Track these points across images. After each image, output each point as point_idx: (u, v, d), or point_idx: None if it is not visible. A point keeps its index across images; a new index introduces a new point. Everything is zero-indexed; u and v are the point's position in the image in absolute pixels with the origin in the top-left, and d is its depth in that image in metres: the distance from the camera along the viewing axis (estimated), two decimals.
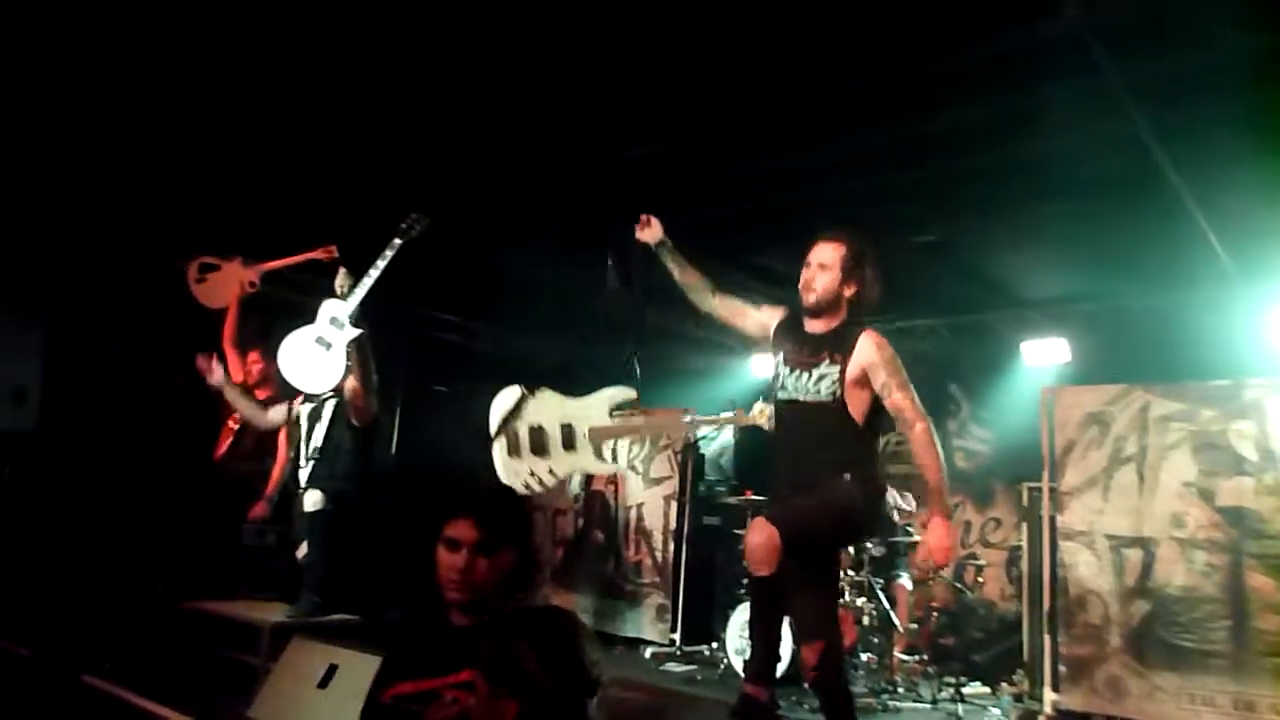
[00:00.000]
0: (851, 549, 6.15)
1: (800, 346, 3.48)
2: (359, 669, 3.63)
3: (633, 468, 7.67)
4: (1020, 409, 6.96)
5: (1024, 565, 5.80)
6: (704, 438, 7.27)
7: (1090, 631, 5.15)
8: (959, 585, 6.47)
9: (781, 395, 3.49)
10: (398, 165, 5.26)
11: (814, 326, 3.49)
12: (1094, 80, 3.78)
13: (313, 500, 4.66)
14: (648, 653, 6.66)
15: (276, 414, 5.12)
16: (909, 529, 6.36)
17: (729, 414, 3.90)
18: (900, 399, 3.29)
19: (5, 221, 5.39)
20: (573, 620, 1.94)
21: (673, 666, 6.32)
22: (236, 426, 5.79)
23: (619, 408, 4.08)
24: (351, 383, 4.65)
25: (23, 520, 5.37)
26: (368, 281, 4.58)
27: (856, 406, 3.34)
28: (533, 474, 4.03)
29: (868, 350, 3.32)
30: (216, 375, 5.03)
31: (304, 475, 4.77)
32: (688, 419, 4.67)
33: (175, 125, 4.82)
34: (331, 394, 4.78)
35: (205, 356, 5.06)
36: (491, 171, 5.33)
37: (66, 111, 4.67)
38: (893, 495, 6.37)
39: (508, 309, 7.67)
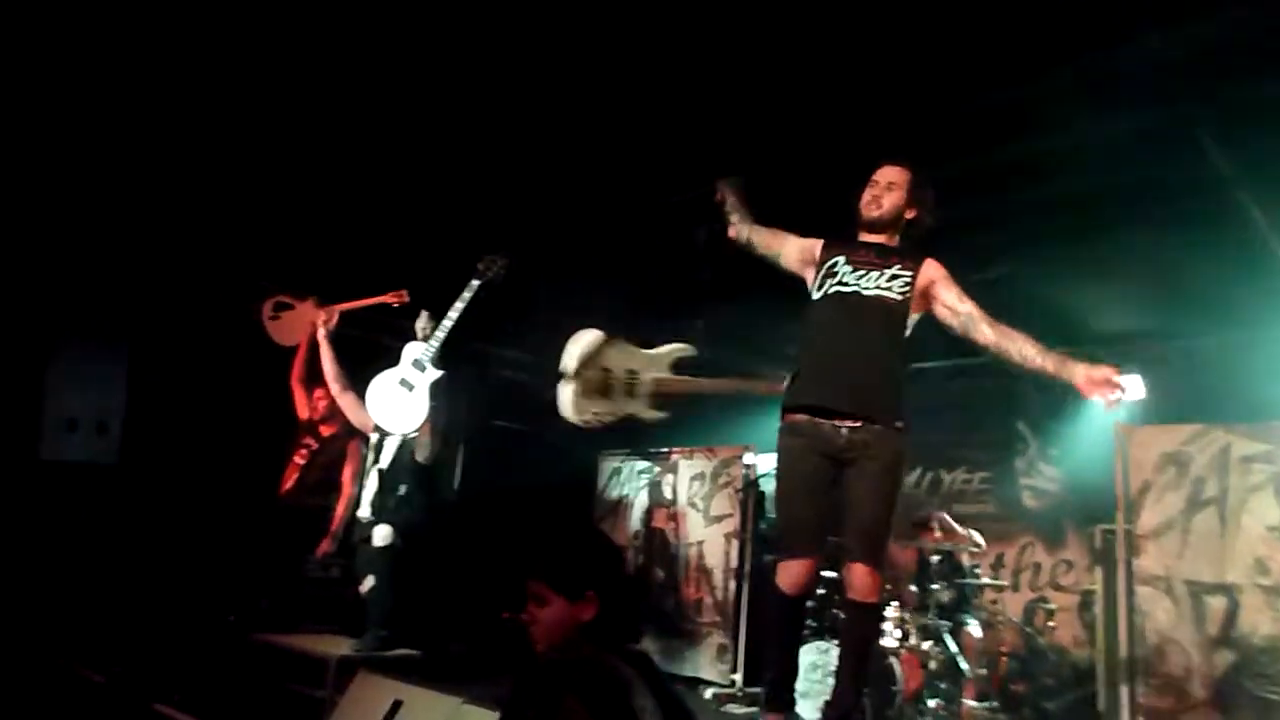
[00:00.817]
0: (917, 589, 6.03)
1: (865, 251, 3.55)
2: (423, 705, 3.66)
3: (693, 505, 7.65)
4: (1091, 448, 6.76)
5: (1098, 611, 5.61)
6: (765, 475, 7.20)
7: (1170, 683, 4.95)
8: (1029, 629, 6.28)
9: (839, 289, 3.48)
10: (468, 203, 5.37)
11: (875, 239, 3.58)
12: (1171, 110, 3.72)
13: (382, 535, 4.74)
14: (708, 693, 6.58)
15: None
16: (977, 570, 6.21)
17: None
18: (971, 305, 3.49)
19: (92, 256, 5.63)
20: (622, 672, 1.92)
21: (734, 708, 6.23)
22: (302, 462, 5.92)
23: (678, 364, 4.10)
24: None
25: (103, 550, 5.54)
26: (447, 324, 4.70)
27: (909, 318, 3.48)
28: (595, 414, 4.24)
29: (933, 267, 3.51)
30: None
31: (368, 509, 4.86)
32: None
33: (259, 165, 4.99)
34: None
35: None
36: (563, 208, 5.41)
37: (155, 151, 4.87)
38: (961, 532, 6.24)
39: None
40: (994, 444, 7.79)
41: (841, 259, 3.55)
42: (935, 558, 6.04)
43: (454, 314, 4.71)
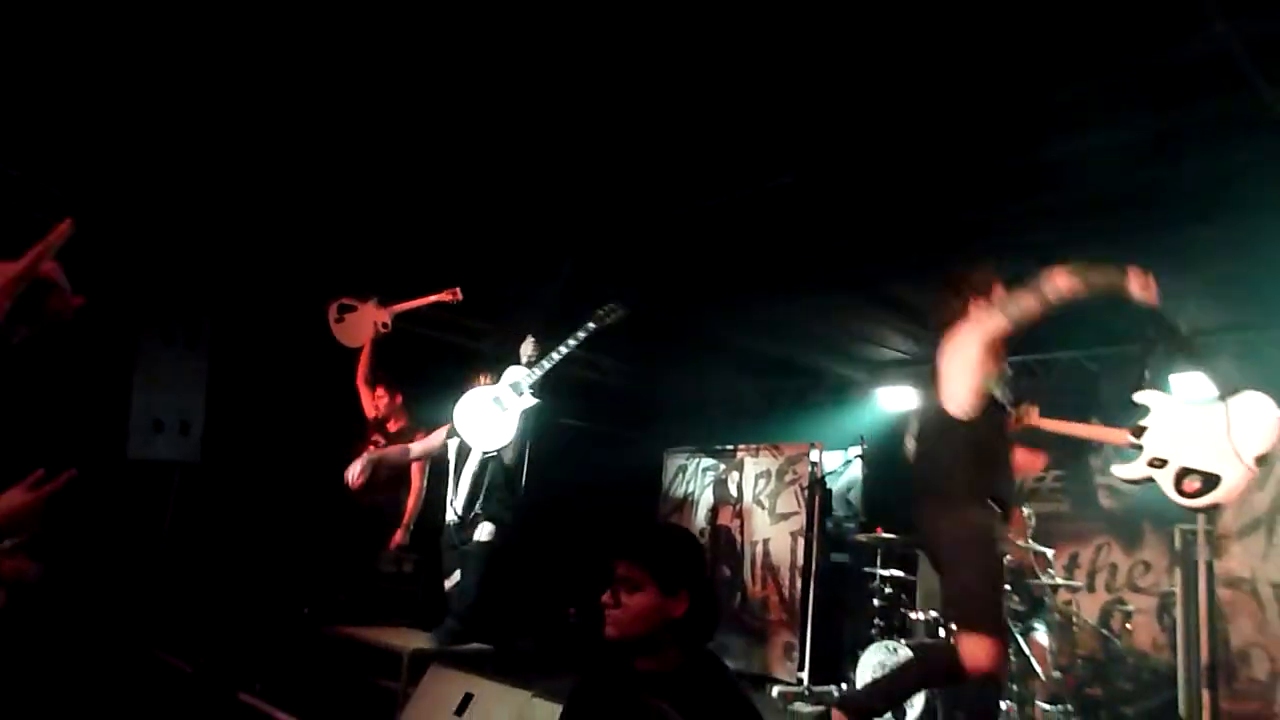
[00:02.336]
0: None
1: None
2: (494, 698, 3.74)
3: (758, 502, 7.63)
4: None
5: (1178, 614, 5.45)
6: (831, 473, 7.16)
7: (1255, 688, 4.80)
8: (1106, 632, 6.13)
9: None
10: (525, 203, 5.45)
11: None
12: (1243, 97, 3.60)
13: (486, 532, 4.86)
14: (774, 691, 6.56)
15: (418, 448, 5.35)
16: (1050, 571, 6.08)
17: None
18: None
19: (175, 258, 5.84)
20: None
21: (801, 706, 6.21)
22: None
23: None
24: None
25: (189, 545, 5.75)
26: (555, 357, 4.79)
27: None
28: None
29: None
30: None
31: (460, 506, 4.95)
32: None
33: (325, 169, 5.13)
34: None
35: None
36: (621, 207, 5.45)
37: (231, 155, 5.03)
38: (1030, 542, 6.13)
39: (637, 346, 7.78)
40: (1067, 441, 7.61)
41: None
42: (1006, 559, 5.93)
43: (564, 349, 4.78)
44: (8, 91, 4.40)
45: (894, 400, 8.13)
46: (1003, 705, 5.54)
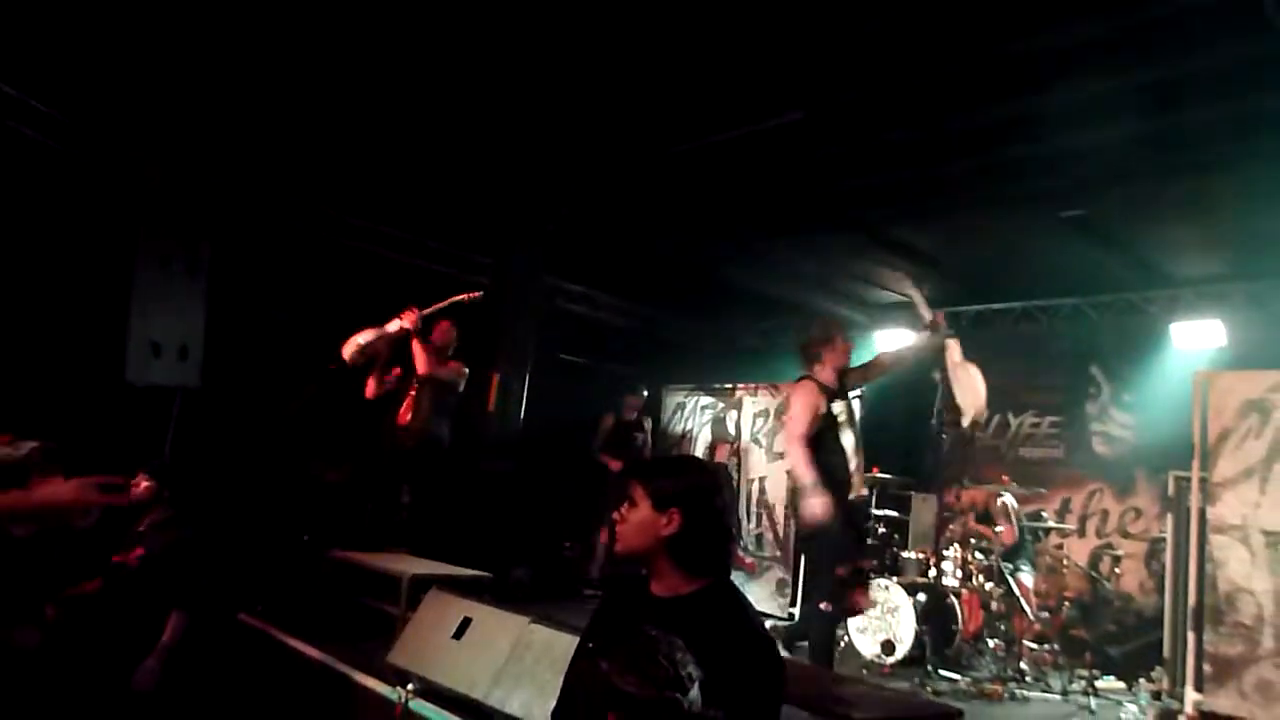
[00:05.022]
0: (979, 536, 6.03)
1: None
2: (493, 623, 3.78)
3: (756, 440, 7.68)
4: (1167, 394, 6.59)
5: (1167, 558, 5.53)
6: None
7: (1241, 631, 4.86)
8: (1094, 575, 6.22)
9: None
10: (531, 143, 5.37)
11: None
12: (1263, 45, 3.53)
13: None
14: (766, 625, 6.66)
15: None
16: (1043, 514, 6.15)
17: None
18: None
19: (174, 180, 5.76)
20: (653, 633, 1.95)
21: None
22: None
23: None
24: None
25: (188, 470, 5.77)
26: None
27: None
28: None
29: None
30: None
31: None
32: None
33: (329, 92, 5.03)
34: None
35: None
36: (627, 142, 5.37)
37: (232, 76, 4.94)
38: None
39: (632, 281, 7.75)
40: (1065, 388, 7.65)
41: None
42: (999, 501, 6.00)
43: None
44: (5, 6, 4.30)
45: (892, 343, 8.12)
46: (990, 643, 5.66)
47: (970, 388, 4.87)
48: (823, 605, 4.31)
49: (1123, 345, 7.40)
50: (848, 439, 4.47)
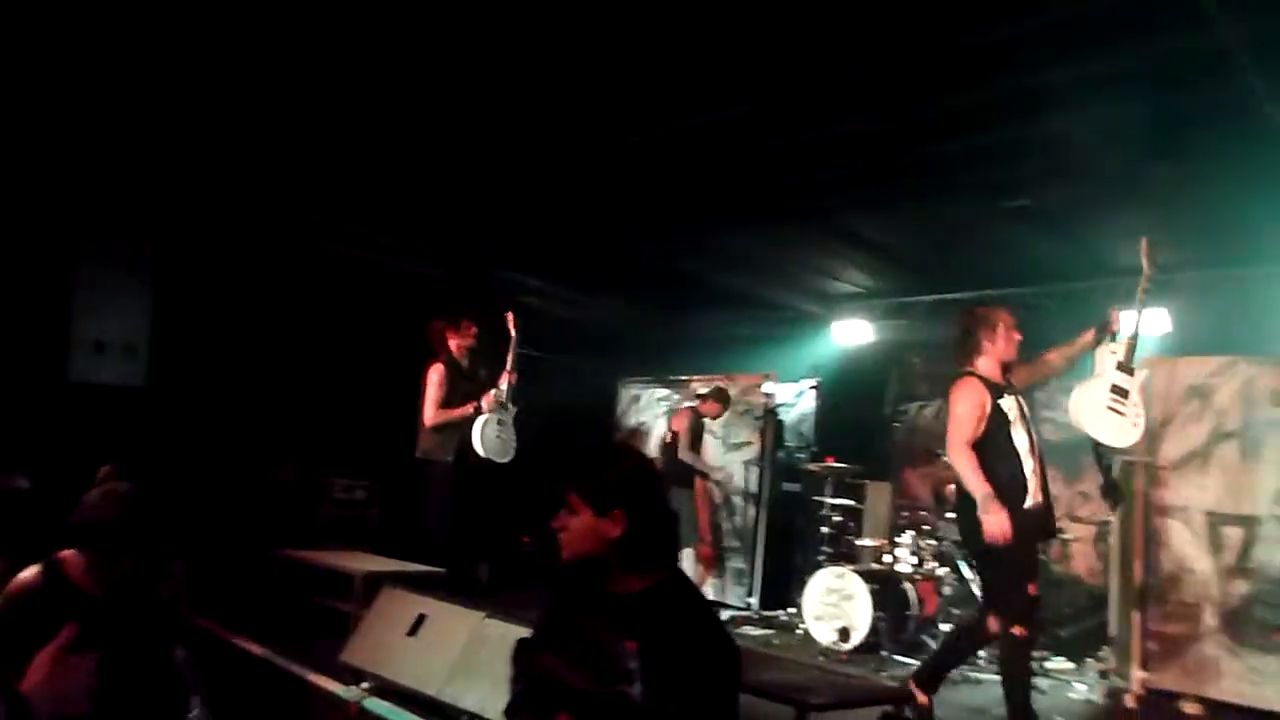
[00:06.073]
0: (932, 522, 6.10)
1: None
2: (447, 618, 3.76)
3: (711, 432, 7.71)
4: None
5: (1114, 540, 5.65)
6: (784, 405, 7.23)
7: (1184, 610, 5.00)
8: (1044, 558, 6.32)
9: None
10: (482, 132, 5.32)
11: None
12: (1202, 37, 3.59)
13: None
14: (725, 616, 6.71)
15: None
16: None
17: None
18: None
19: (119, 178, 5.63)
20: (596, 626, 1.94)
21: (749, 630, 6.36)
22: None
23: None
24: None
25: (135, 470, 5.65)
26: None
27: None
28: None
29: None
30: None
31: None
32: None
33: (276, 83, 4.93)
34: None
35: None
36: (584, 136, 5.34)
37: (178, 63, 4.82)
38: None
39: (588, 273, 7.72)
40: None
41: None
42: (951, 486, 6.08)
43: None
44: None
45: (848, 334, 8.21)
46: (944, 627, 5.74)
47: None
48: (1016, 630, 3.75)
49: (1071, 333, 7.50)
50: (1021, 439, 3.96)
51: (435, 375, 5.47)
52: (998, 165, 5.28)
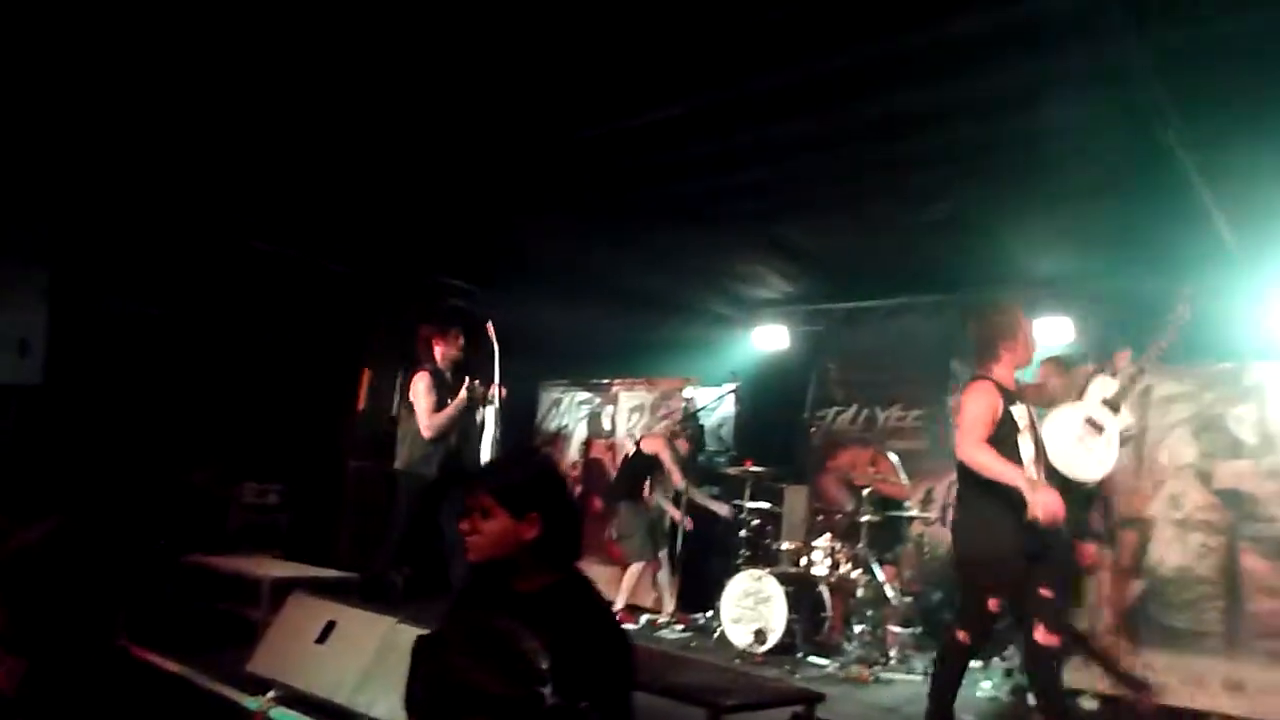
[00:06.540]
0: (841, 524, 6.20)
1: None
2: (358, 625, 3.68)
3: (631, 436, 7.71)
4: None
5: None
6: (704, 408, 7.28)
7: (1084, 610, 5.18)
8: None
9: None
10: (403, 134, 5.24)
11: None
12: (1103, 54, 3.74)
13: None
14: (643, 619, 6.72)
15: None
16: (906, 504, 6.40)
17: None
18: None
19: (14, 178, 5.37)
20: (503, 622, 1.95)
21: (667, 633, 6.38)
22: None
23: None
24: None
25: (29, 471, 5.41)
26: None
27: None
28: None
29: None
30: None
31: None
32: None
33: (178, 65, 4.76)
34: None
35: None
36: (504, 137, 5.30)
37: (75, 47, 4.61)
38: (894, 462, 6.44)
39: (507, 274, 7.67)
40: (928, 382, 7.95)
41: None
42: (866, 490, 6.21)
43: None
44: None
45: (767, 339, 8.32)
46: (857, 629, 5.85)
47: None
48: (1053, 639, 3.67)
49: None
50: (1027, 448, 3.88)
51: (423, 383, 5.30)
52: (916, 173, 5.41)
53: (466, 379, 5.41)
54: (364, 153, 5.53)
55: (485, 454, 5.96)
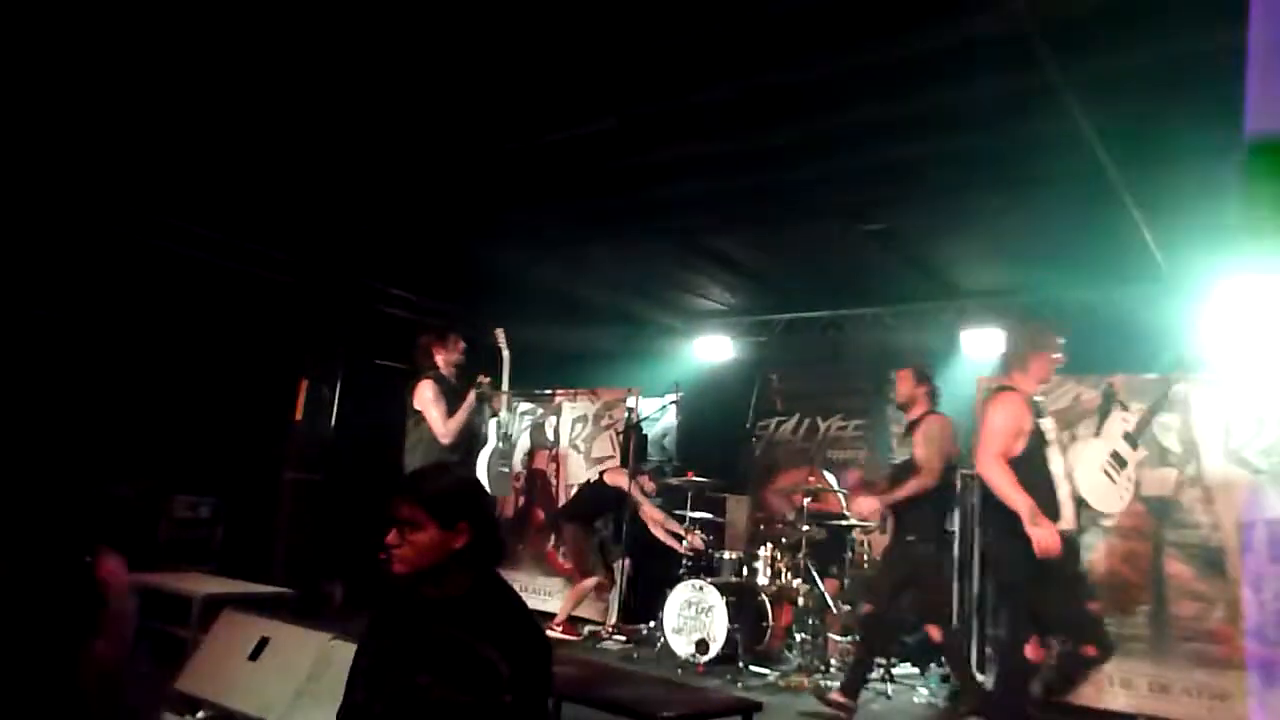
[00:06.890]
0: (783, 534, 6.24)
1: None
2: (291, 642, 3.61)
3: (575, 446, 7.69)
4: (960, 398, 7.06)
5: (955, 552, 5.93)
6: (647, 419, 7.29)
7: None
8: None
9: None
10: (349, 145, 5.17)
11: None
12: (1034, 74, 3.84)
13: None
14: (585, 630, 6.69)
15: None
16: (846, 515, 6.47)
17: None
18: None
19: None
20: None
21: (609, 644, 6.36)
22: None
23: None
24: None
25: None
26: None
27: None
28: None
29: None
30: None
31: None
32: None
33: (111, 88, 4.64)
34: None
35: None
36: (444, 147, 5.26)
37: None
38: (832, 480, 6.50)
39: (449, 283, 7.61)
40: (868, 393, 8.06)
41: None
42: (807, 500, 6.26)
43: None
44: None
45: (709, 350, 8.37)
46: (798, 638, 5.89)
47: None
48: (1089, 650, 3.85)
49: (917, 352, 7.88)
50: (1057, 462, 3.90)
51: (430, 391, 5.17)
52: (852, 189, 5.49)
53: (478, 377, 5.46)
54: (303, 160, 5.45)
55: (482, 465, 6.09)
